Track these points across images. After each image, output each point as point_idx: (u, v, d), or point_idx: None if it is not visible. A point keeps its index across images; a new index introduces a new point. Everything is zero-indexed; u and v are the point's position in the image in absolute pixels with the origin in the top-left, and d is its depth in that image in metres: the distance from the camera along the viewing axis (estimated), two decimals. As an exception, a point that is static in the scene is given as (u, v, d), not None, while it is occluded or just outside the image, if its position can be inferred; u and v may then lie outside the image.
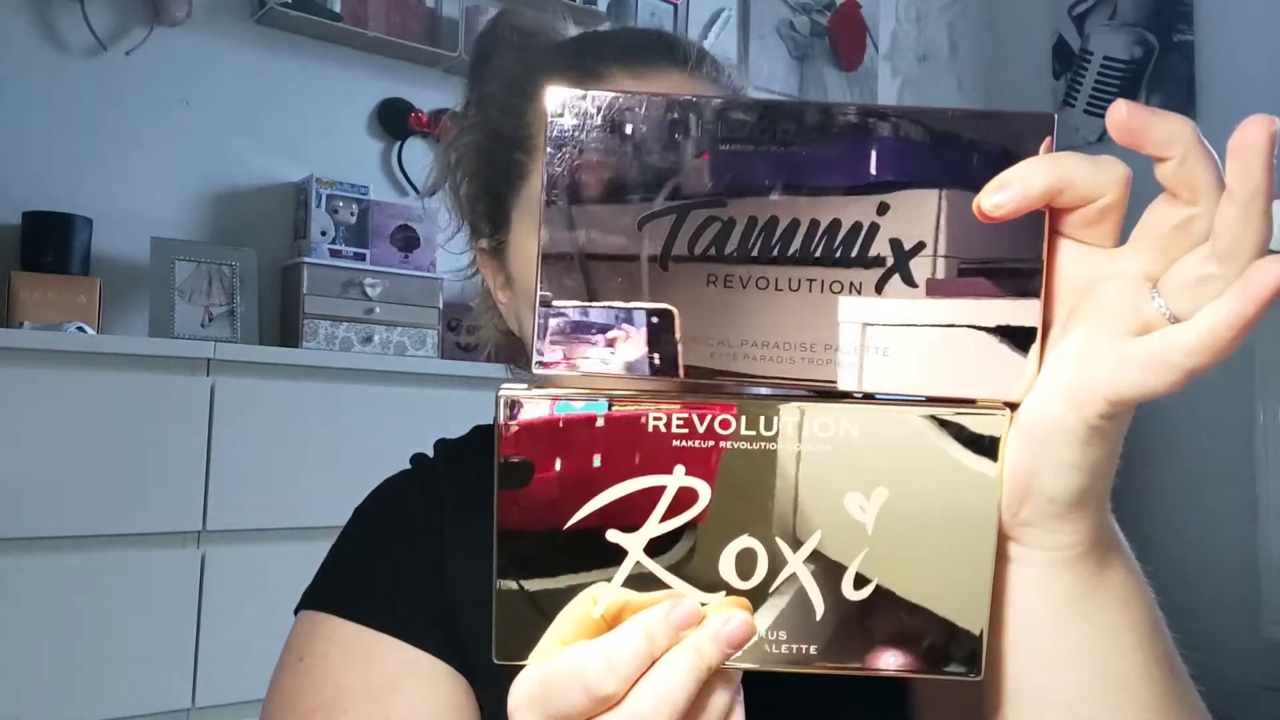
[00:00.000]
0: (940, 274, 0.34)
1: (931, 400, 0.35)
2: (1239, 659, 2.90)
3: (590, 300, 0.34)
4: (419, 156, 2.51)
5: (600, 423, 0.34)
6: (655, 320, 0.34)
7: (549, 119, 0.34)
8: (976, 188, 0.34)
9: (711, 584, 0.35)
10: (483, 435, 0.72)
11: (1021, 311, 0.35)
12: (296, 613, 0.64)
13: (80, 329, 1.73)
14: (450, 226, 0.70)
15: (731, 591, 0.35)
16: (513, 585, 0.37)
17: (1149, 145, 0.34)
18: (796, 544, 0.34)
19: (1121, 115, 0.33)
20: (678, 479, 0.34)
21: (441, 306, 2.26)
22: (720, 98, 0.36)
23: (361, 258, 2.21)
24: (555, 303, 0.34)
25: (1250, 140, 0.30)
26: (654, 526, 0.34)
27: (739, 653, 0.34)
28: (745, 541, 0.35)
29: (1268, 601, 2.83)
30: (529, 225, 0.59)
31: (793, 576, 0.35)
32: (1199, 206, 0.33)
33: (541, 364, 0.35)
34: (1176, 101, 3.22)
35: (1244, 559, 2.90)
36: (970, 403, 0.35)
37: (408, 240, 2.29)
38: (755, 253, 0.33)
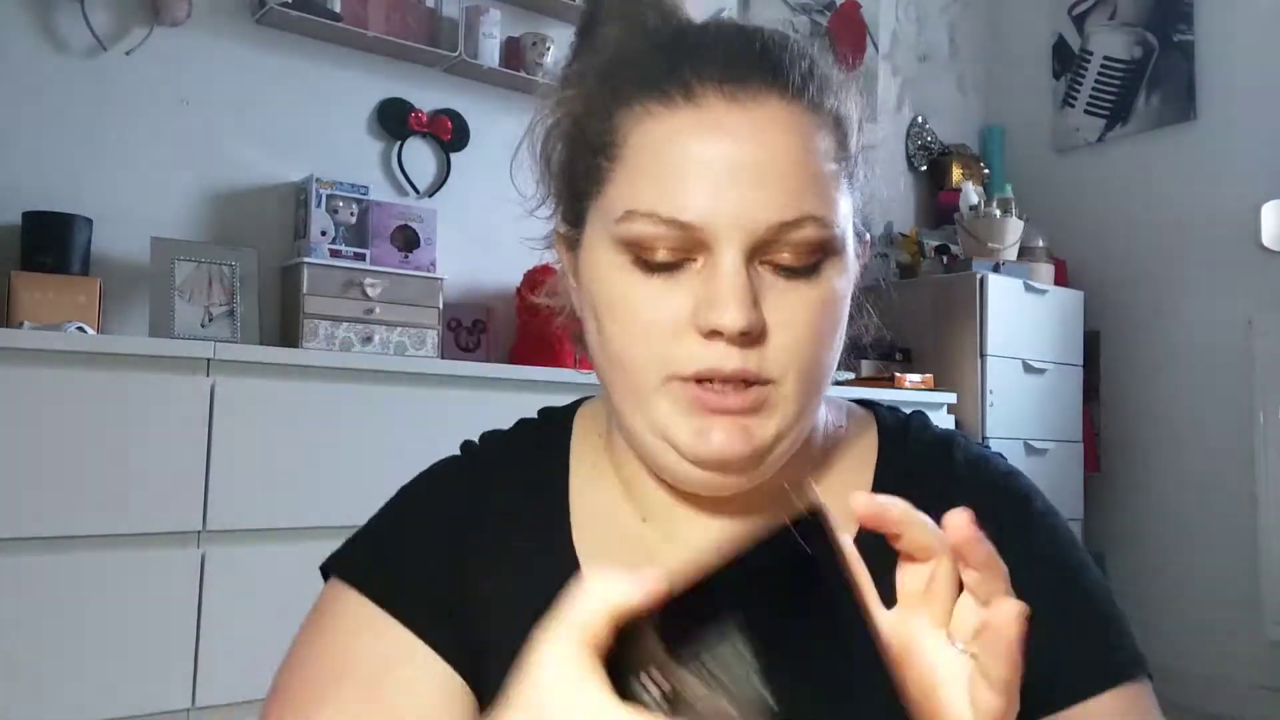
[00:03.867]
0: None
1: None
2: (1239, 659, 2.90)
3: None
4: (419, 156, 2.51)
5: None
6: None
7: None
8: None
9: None
10: (529, 429, 0.71)
11: None
12: (323, 570, 0.67)
13: (80, 329, 1.73)
14: (538, 194, 0.65)
15: None
16: None
17: (883, 528, 0.41)
18: None
19: (861, 508, 0.40)
20: None
21: (441, 306, 2.26)
22: None
23: (361, 258, 2.21)
24: None
25: (963, 536, 0.39)
26: None
27: None
28: None
29: (1268, 601, 2.83)
30: (600, 235, 0.57)
31: None
32: (932, 563, 0.41)
33: None
34: (1176, 101, 3.22)
35: (1244, 559, 2.90)
36: None
37: (408, 240, 2.29)
38: None
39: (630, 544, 0.64)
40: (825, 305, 0.56)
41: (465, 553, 0.64)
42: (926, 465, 0.65)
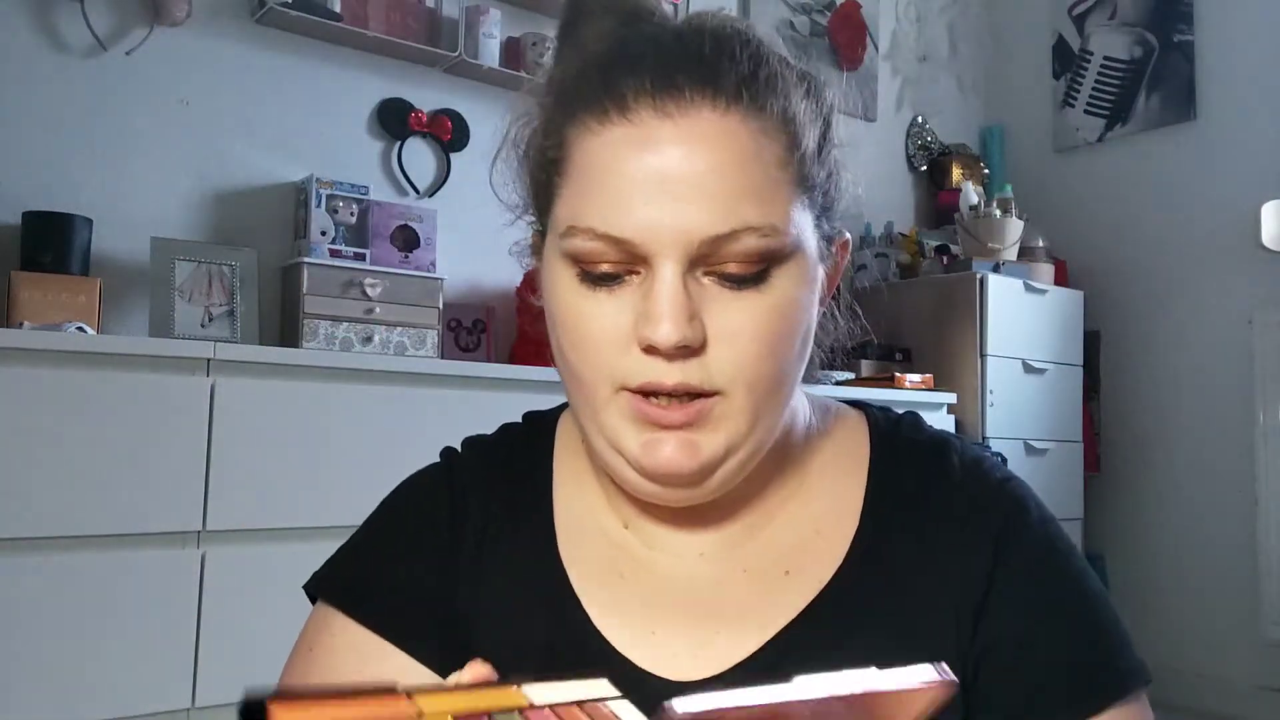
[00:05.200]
0: None
1: None
2: (1239, 659, 2.90)
3: None
4: (419, 156, 2.51)
5: None
6: None
7: None
8: None
9: None
10: (513, 435, 0.71)
11: None
12: (307, 590, 0.66)
13: (80, 329, 1.73)
14: (521, 205, 0.64)
15: None
16: None
17: None
18: None
19: None
20: None
21: (441, 306, 2.26)
22: None
23: (361, 258, 2.21)
24: None
25: None
26: None
27: None
28: None
29: (1268, 601, 2.83)
30: (552, 248, 0.58)
31: None
32: None
33: None
34: (1176, 101, 3.22)
35: (1244, 559, 2.90)
36: None
37: (408, 240, 2.29)
38: None
39: (614, 551, 0.64)
40: (775, 314, 0.55)
41: (451, 563, 0.64)
42: (920, 469, 0.63)
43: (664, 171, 0.53)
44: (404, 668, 0.60)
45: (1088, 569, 0.62)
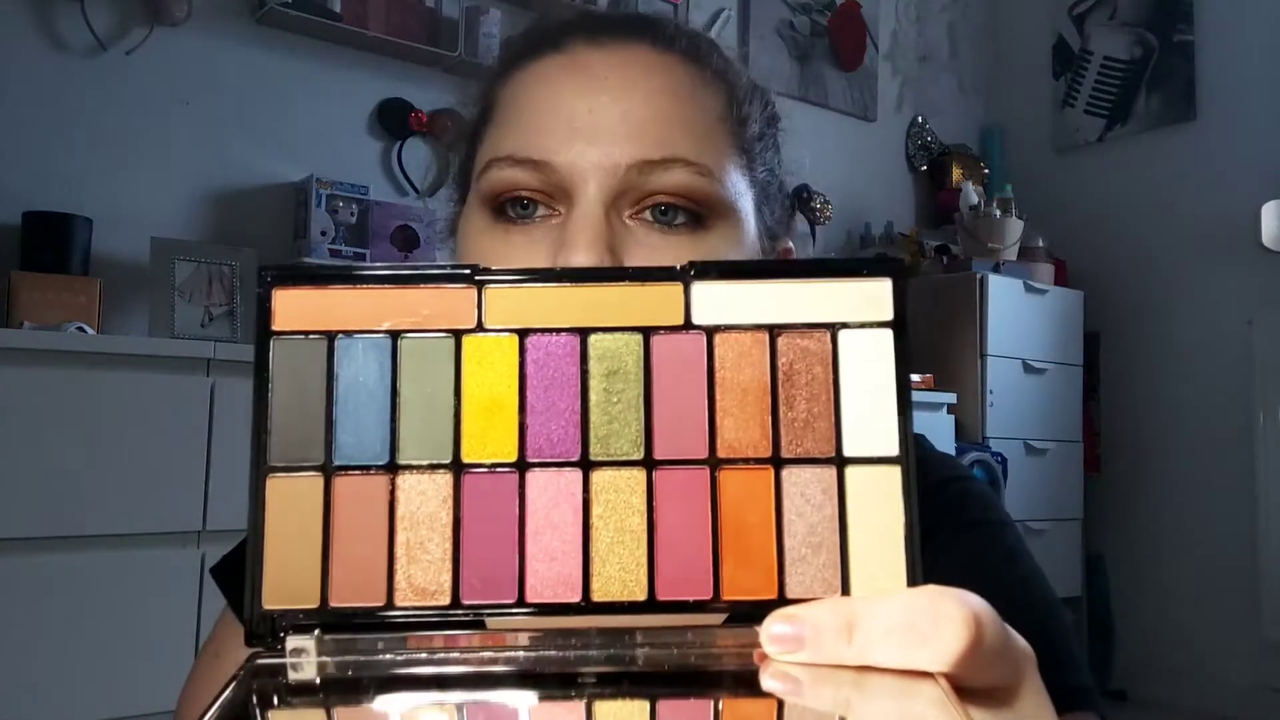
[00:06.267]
0: None
1: None
2: (1239, 659, 2.90)
3: None
4: (419, 156, 2.51)
5: None
6: None
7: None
8: None
9: None
10: None
11: None
12: (213, 574, 0.65)
13: (80, 329, 1.73)
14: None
15: None
16: None
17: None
18: None
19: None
20: None
21: (441, 306, 2.26)
22: None
23: (361, 258, 2.21)
24: None
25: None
26: None
27: None
28: None
29: (1268, 601, 2.83)
30: (471, 201, 0.53)
31: None
32: None
33: None
34: (1176, 101, 3.22)
35: (1244, 559, 2.90)
36: None
37: (408, 240, 2.29)
38: None
39: None
40: None
41: None
42: None
43: (595, 96, 0.48)
44: None
45: (1039, 575, 0.55)
